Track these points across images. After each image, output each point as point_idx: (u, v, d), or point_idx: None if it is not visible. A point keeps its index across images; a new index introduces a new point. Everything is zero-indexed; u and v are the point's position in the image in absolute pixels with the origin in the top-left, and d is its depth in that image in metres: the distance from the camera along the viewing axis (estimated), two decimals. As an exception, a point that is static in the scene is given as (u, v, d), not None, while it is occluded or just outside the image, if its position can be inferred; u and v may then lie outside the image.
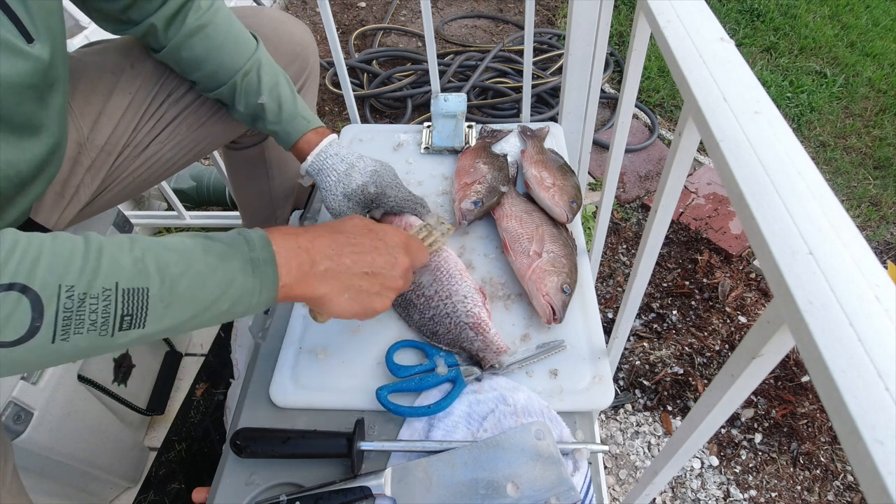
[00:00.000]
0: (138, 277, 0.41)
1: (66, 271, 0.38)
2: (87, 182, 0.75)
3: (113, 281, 0.40)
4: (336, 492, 0.58)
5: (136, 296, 0.40)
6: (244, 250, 0.48)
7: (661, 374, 1.30)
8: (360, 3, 2.54)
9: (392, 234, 0.61)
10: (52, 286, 0.37)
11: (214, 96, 0.76)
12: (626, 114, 0.73)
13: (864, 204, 1.71)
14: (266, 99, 0.74)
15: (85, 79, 0.74)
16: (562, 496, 0.58)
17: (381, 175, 0.78)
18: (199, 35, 0.71)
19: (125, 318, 0.40)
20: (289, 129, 0.76)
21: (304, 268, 0.51)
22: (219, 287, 0.45)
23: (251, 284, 0.47)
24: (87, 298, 0.38)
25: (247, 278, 0.47)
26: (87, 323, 0.39)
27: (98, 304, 0.39)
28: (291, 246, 0.51)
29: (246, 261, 0.47)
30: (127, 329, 0.41)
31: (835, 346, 0.27)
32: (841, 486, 1.13)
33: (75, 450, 0.92)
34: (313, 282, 0.52)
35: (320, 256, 0.53)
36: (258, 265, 0.48)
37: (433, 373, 0.68)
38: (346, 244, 0.55)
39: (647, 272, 0.65)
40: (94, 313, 0.39)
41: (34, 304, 0.36)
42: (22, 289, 0.36)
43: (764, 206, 0.34)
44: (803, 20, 2.35)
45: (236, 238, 0.49)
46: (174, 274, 0.43)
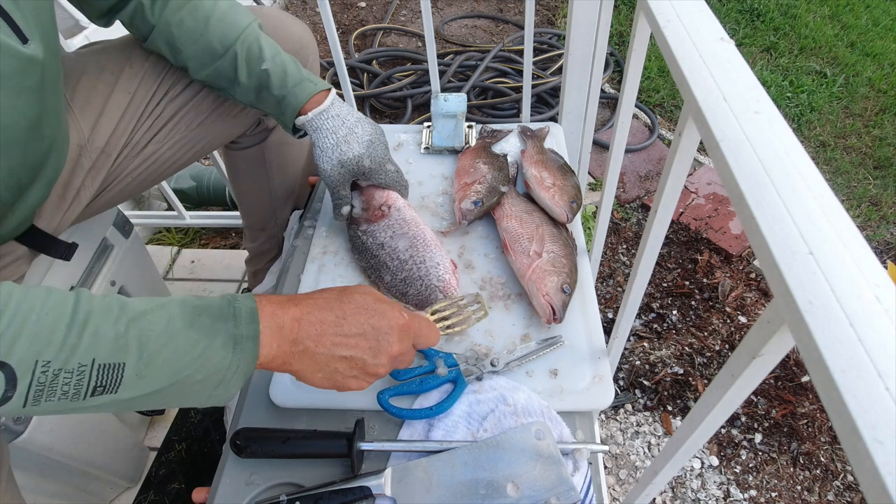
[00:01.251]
0: (117, 353, 0.41)
1: (45, 347, 0.38)
2: (87, 184, 0.75)
3: (90, 357, 0.40)
4: (336, 492, 0.58)
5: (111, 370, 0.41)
6: (230, 326, 0.47)
7: (661, 374, 1.30)
8: (360, 3, 2.54)
9: (391, 317, 0.56)
10: (29, 361, 0.38)
11: (213, 74, 0.74)
12: (626, 114, 0.73)
13: (864, 204, 1.71)
14: (270, 65, 0.73)
15: (84, 79, 0.74)
16: (562, 496, 0.58)
17: (375, 148, 0.79)
18: (188, 6, 0.70)
19: (97, 388, 0.41)
20: (297, 91, 0.74)
21: (283, 347, 0.51)
22: (197, 362, 0.45)
23: (229, 361, 0.47)
24: (62, 373, 0.39)
25: (227, 354, 0.47)
26: (59, 393, 0.39)
27: (72, 378, 0.39)
28: (277, 325, 0.50)
29: (229, 337, 0.47)
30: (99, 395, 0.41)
31: (835, 346, 0.27)
32: (841, 486, 1.13)
33: (75, 450, 0.92)
34: (290, 359, 0.52)
35: (303, 336, 0.52)
36: (240, 342, 0.47)
37: (433, 374, 0.68)
38: (332, 325, 0.54)
39: (647, 272, 0.65)
40: (66, 385, 0.39)
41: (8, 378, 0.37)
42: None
43: (764, 206, 0.34)
44: (803, 20, 2.35)
45: (226, 310, 0.48)
46: (153, 349, 0.43)
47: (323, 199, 0.96)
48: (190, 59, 0.73)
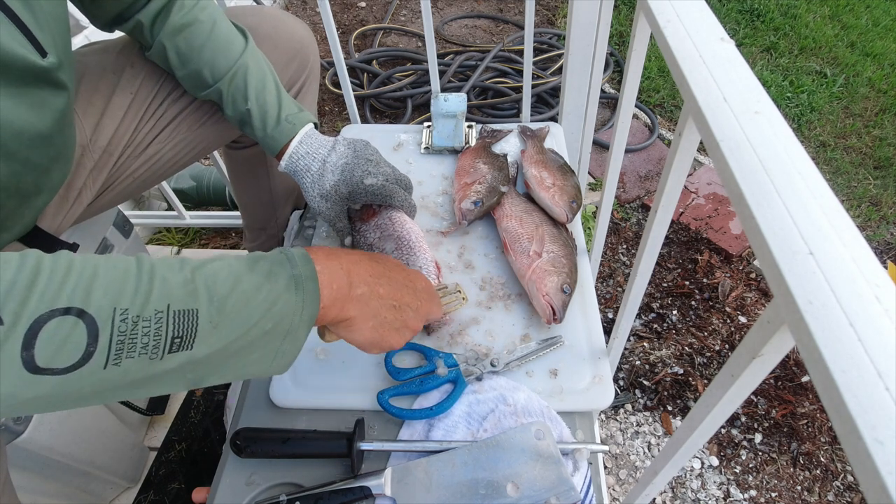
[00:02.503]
0: (188, 298, 0.40)
1: (120, 294, 0.37)
2: (89, 184, 0.75)
3: (165, 303, 0.39)
4: (336, 492, 0.58)
5: (187, 317, 0.40)
6: (287, 268, 0.47)
7: (661, 374, 1.30)
8: (360, 3, 2.54)
9: (422, 279, 0.62)
10: (108, 309, 0.36)
11: (203, 97, 0.76)
12: (626, 114, 0.73)
13: (864, 204, 1.71)
14: (252, 105, 0.74)
15: (86, 79, 0.74)
16: (562, 496, 0.58)
17: (351, 169, 0.76)
18: (185, 32, 0.71)
19: (175, 339, 0.39)
20: (275, 135, 0.75)
21: (343, 290, 0.51)
22: (264, 305, 0.44)
23: (294, 302, 0.46)
24: (140, 321, 0.38)
25: (290, 296, 0.46)
26: (139, 346, 0.38)
27: (150, 326, 0.38)
28: (334, 266, 0.51)
29: (290, 278, 0.47)
30: (176, 351, 0.40)
31: (835, 346, 0.27)
32: (841, 486, 1.13)
33: (75, 450, 0.92)
34: (347, 304, 0.52)
35: (359, 280, 0.53)
36: (301, 282, 0.47)
37: (433, 374, 0.68)
38: (383, 274, 0.56)
39: (647, 272, 0.65)
40: (146, 336, 0.38)
41: (90, 329, 0.36)
42: (78, 313, 0.35)
43: (764, 206, 0.34)
44: (803, 20, 2.35)
45: (278, 256, 0.48)
46: (222, 293, 0.42)
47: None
48: (183, 80, 0.75)
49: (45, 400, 0.36)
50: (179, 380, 0.42)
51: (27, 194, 0.62)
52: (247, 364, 0.45)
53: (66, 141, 0.64)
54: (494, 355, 0.70)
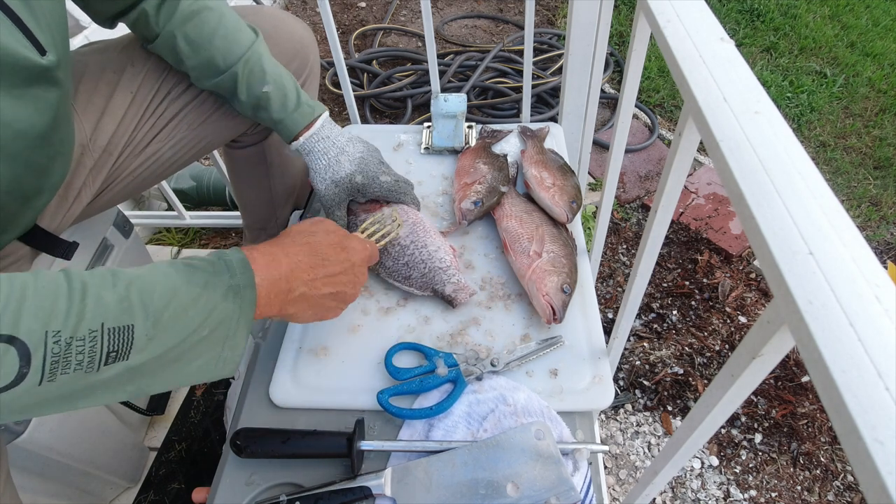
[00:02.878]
0: (123, 315, 0.41)
1: (51, 317, 0.38)
2: (89, 183, 0.75)
3: (99, 322, 0.40)
4: (336, 492, 0.58)
5: (122, 332, 0.41)
6: (226, 278, 0.49)
7: (661, 374, 1.30)
8: (360, 3, 2.54)
9: (359, 250, 0.64)
10: (39, 333, 0.37)
11: (212, 86, 0.75)
12: (626, 114, 0.73)
13: (864, 204, 1.71)
14: (271, 88, 0.74)
15: (86, 78, 0.74)
16: (562, 496, 0.58)
17: (367, 163, 0.80)
18: (195, 20, 0.71)
19: (111, 353, 0.40)
20: (295, 117, 0.77)
21: (281, 293, 0.54)
22: (200, 315, 0.46)
23: (231, 310, 0.48)
24: (74, 342, 0.38)
25: (227, 304, 0.48)
26: (74, 363, 0.39)
27: (85, 345, 0.39)
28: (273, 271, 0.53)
29: (227, 288, 0.48)
30: (112, 363, 0.41)
31: (835, 346, 0.27)
32: (841, 486, 1.13)
33: (75, 450, 0.92)
34: (286, 304, 0.55)
35: (297, 283, 0.56)
36: (239, 291, 0.49)
37: (433, 374, 0.68)
38: (320, 268, 0.58)
39: (647, 272, 0.65)
40: (80, 354, 0.39)
41: (21, 353, 0.36)
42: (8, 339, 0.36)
43: (764, 206, 0.34)
44: (803, 20, 2.35)
45: (217, 264, 0.49)
46: (158, 307, 0.43)
47: (323, 199, 0.96)
48: (192, 70, 0.74)
49: None
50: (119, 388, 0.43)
51: (28, 195, 0.62)
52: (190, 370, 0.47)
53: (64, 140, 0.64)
54: (494, 355, 0.70)
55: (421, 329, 0.75)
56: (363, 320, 0.77)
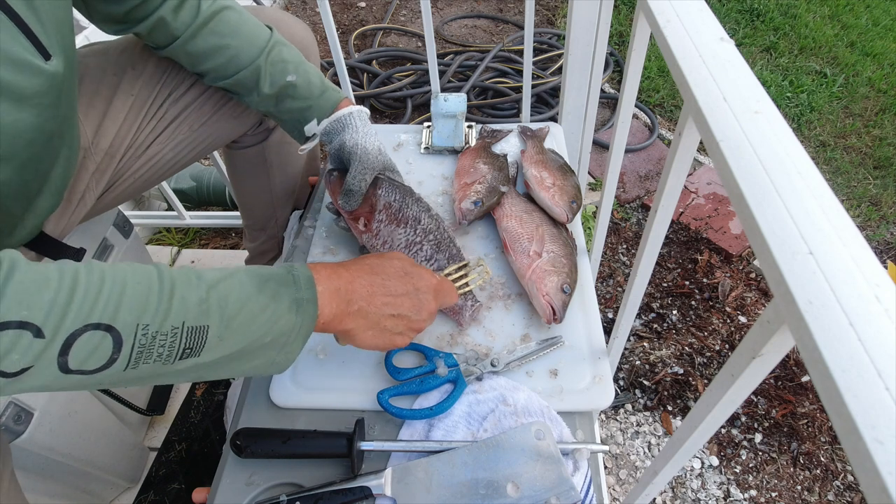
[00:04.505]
0: (202, 317, 0.45)
1: (143, 312, 0.42)
2: (92, 186, 0.75)
3: (181, 320, 0.44)
4: (336, 492, 0.58)
5: (198, 332, 0.45)
6: (292, 290, 0.52)
7: (661, 374, 1.30)
8: (360, 3, 2.54)
9: (426, 278, 0.64)
10: (132, 325, 0.42)
11: (231, 83, 0.75)
12: (626, 114, 0.73)
13: (864, 204, 1.71)
14: (295, 76, 0.75)
15: (87, 81, 0.74)
16: (562, 496, 0.58)
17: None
18: (216, 20, 0.71)
19: (186, 349, 0.45)
20: (322, 101, 0.77)
21: (341, 307, 0.56)
22: (267, 324, 0.49)
23: (294, 322, 0.51)
24: (158, 335, 0.43)
25: (291, 316, 0.51)
26: (155, 355, 0.43)
27: (167, 340, 0.43)
28: (333, 288, 0.55)
29: (293, 301, 0.51)
30: (185, 358, 0.45)
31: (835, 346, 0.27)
32: (841, 486, 1.13)
33: (75, 450, 0.92)
34: (345, 319, 0.56)
35: (356, 297, 0.57)
36: (302, 304, 0.52)
37: (433, 374, 0.68)
38: (380, 287, 0.59)
39: (647, 272, 0.65)
40: (161, 347, 0.43)
41: (115, 341, 0.41)
42: (107, 328, 0.41)
43: (764, 206, 0.34)
44: (803, 20, 2.35)
45: (286, 277, 0.53)
46: (231, 312, 0.47)
47: (323, 199, 0.96)
48: (211, 70, 0.74)
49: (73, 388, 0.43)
50: (183, 377, 0.48)
51: (31, 197, 0.62)
52: (245, 368, 0.51)
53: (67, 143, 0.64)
54: (494, 355, 0.70)
55: None
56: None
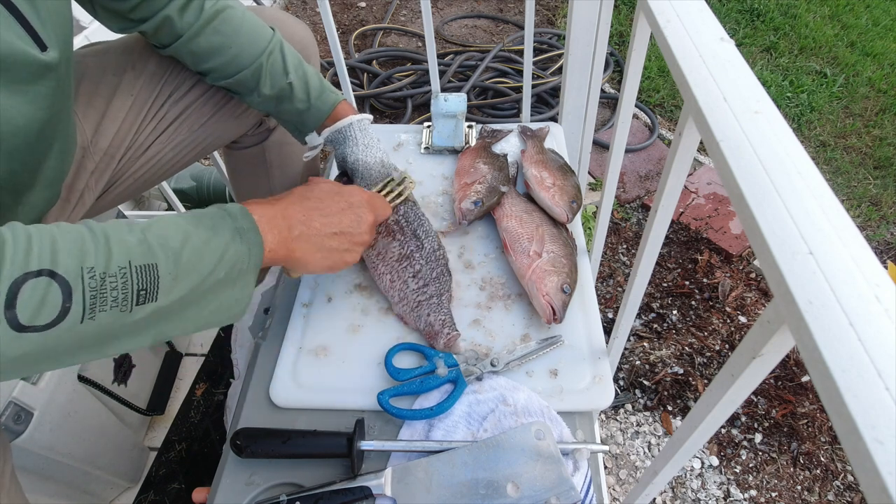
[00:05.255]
0: (146, 254, 0.44)
1: (83, 255, 0.41)
2: (91, 185, 0.75)
3: (126, 259, 0.43)
4: (336, 492, 0.58)
5: (148, 271, 0.44)
6: (229, 222, 0.52)
7: (661, 374, 1.30)
8: (360, 3, 2.54)
9: (356, 193, 0.67)
10: (76, 269, 0.40)
11: (233, 82, 0.75)
12: (626, 114, 0.73)
13: (864, 204, 1.71)
14: (293, 78, 0.75)
15: (86, 81, 0.74)
16: (562, 496, 0.58)
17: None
18: (218, 19, 0.71)
19: (140, 292, 0.44)
20: (319, 103, 0.78)
21: (283, 233, 0.57)
22: (215, 255, 0.49)
23: (241, 250, 0.52)
24: (107, 277, 0.42)
25: (237, 245, 0.51)
26: (110, 300, 0.42)
27: (117, 281, 0.42)
28: (269, 215, 0.56)
29: (233, 230, 0.52)
30: (143, 303, 0.44)
31: (835, 346, 0.27)
32: (841, 486, 1.13)
33: (75, 450, 0.92)
34: (290, 244, 0.58)
35: (294, 222, 0.59)
36: (244, 233, 0.53)
37: (433, 374, 0.68)
38: (314, 209, 0.61)
39: (647, 272, 0.65)
40: (114, 290, 0.42)
41: (62, 288, 0.39)
42: (50, 273, 0.39)
43: (764, 206, 0.34)
44: (803, 20, 2.35)
45: (218, 212, 0.53)
46: (175, 248, 0.47)
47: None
48: (213, 70, 0.74)
49: (32, 357, 0.40)
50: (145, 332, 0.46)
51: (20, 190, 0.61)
52: (207, 313, 0.50)
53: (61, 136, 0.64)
54: (494, 355, 0.70)
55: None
56: (363, 320, 0.77)
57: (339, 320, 0.77)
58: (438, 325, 0.72)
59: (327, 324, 0.76)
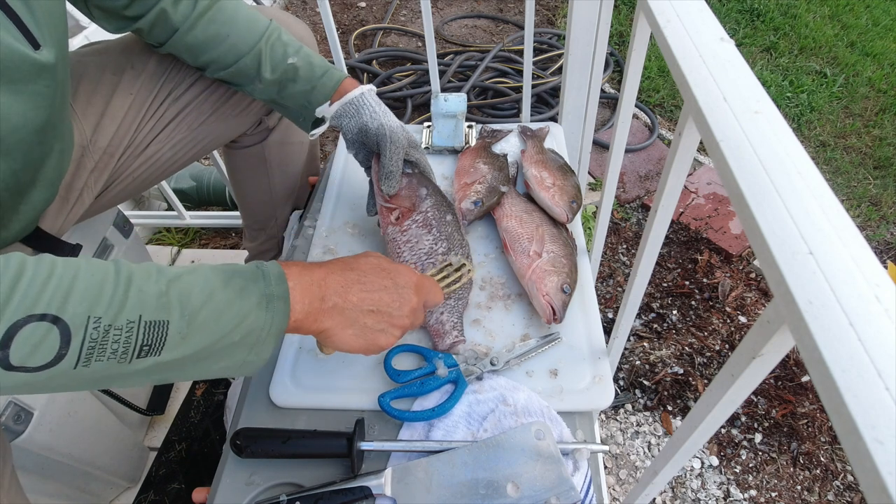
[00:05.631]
0: (161, 311, 0.42)
1: (95, 303, 0.39)
2: (90, 184, 0.75)
3: (137, 314, 0.41)
4: (336, 492, 0.58)
5: (157, 328, 0.42)
6: (261, 286, 0.49)
7: (661, 374, 1.30)
8: (360, 3, 2.54)
9: (405, 274, 0.61)
10: (82, 317, 0.38)
11: (234, 71, 0.74)
12: (626, 114, 0.73)
13: (864, 204, 1.71)
14: (296, 59, 0.74)
15: (86, 80, 0.74)
16: (562, 496, 0.58)
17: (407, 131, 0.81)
18: (213, 9, 0.71)
19: (144, 347, 0.42)
20: (325, 81, 0.76)
21: (314, 304, 0.53)
22: (233, 321, 0.46)
23: (263, 319, 0.48)
24: (112, 329, 0.40)
25: (260, 313, 0.48)
26: (109, 352, 0.40)
27: (121, 335, 0.40)
28: (305, 283, 0.52)
29: (262, 296, 0.48)
30: (144, 357, 0.42)
31: (835, 346, 0.27)
32: (841, 486, 1.13)
33: (75, 450, 0.92)
34: (320, 317, 0.53)
35: (330, 293, 0.54)
36: (272, 301, 0.49)
37: (434, 375, 0.68)
38: (355, 282, 0.57)
39: (647, 272, 0.65)
40: (116, 342, 0.40)
41: (63, 334, 0.38)
42: (53, 319, 0.37)
43: (764, 206, 0.34)
44: (803, 20, 2.35)
45: (255, 272, 0.50)
46: (194, 307, 0.44)
47: (323, 199, 0.95)
48: (212, 61, 0.74)
49: (19, 389, 0.39)
50: (146, 378, 0.45)
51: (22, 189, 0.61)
52: (214, 369, 0.48)
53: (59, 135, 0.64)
54: (494, 354, 0.70)
55: (422, 329, 0.75)
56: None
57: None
58: (449, 326, 0.72)
59: (327, 324, 0.76)
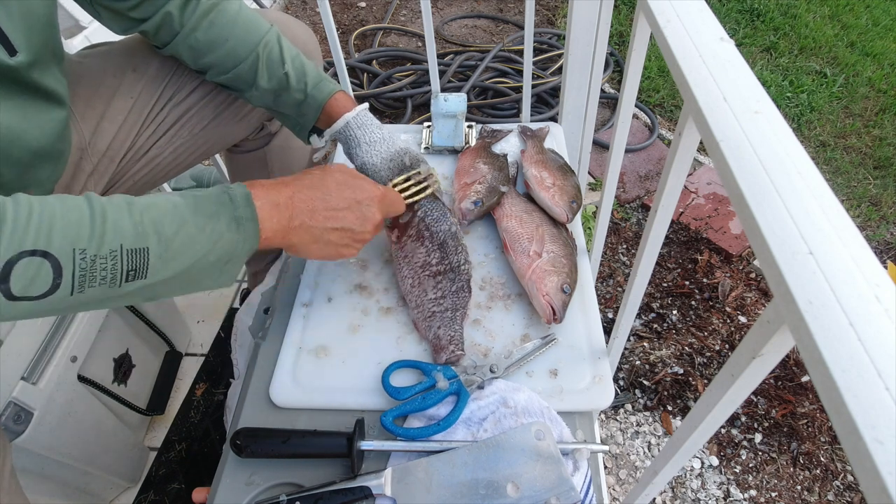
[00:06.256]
0: (139, 239, 0.47)
1: (77, 237, 0.43)
2: (90, 187, 0.75)
3: (118, 243, 0.45)
4: (336, 492, 0.58)
5: (139, 254, 0.46)
6: (229, 209, 0.53)
7: (661, 374, 1.30)
8: (360, 3, 2.54)
9: (368, 188, 0.66)
10: (68, 250, 0.43)
11: (232, 76, 0.74)
12: (626, 114, 0.73)
13: (864, 204, 1.71)
14: (290, 67, 0.74)
15: (86, 82, 0.74)
16: (562, 496, 0.58)
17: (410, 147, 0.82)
18: (215, 11, 0.71)
19: (130, 272, 0.46)
20: (316, 93, 0.76)
21: (282, 223, 0.57)
22: (207, 243, 0.51)
23: (235, 239, 0.53)
24: (98, 259, 0.44)
25: (231, 234, 0.53)
26: (99, 279, 0.44)
27: (107, 263, 0.45)
28: (272, 203, 0.57)
29: (231, 219, 0.53)
30: (132, 280, 0.47)
31: (835, 346, 0.27)
32: (841, 486, 1.13)
33: (75, 450, 0.92)
34: (288, 234, 0.59)
35: (297, 212, 0.59)
36: (242, 222, 0.53)
37: (434, 389, 0.67)
38: (321, 201, 0.61)
39: (647, 272, 0.65)
40: (104, 270, 0.44)
41: (54, 266, 0.42)
42: (43, 254, 0.42)
43: (764, 206, 0.34)
44: (803, 20, 2.35)
45: (221, 196, 0.54)
46: (169, 234, 0.48)
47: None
48: (212, 65, 0.74)
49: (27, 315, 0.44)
50: (140, 298, 0.50)
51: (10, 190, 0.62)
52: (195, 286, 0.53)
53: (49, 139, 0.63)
54: (493, 360, 0.70)
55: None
56: (363, 320, 0.77)
57: (338, 320, 0.77)
58: (446, 341, 0.71)
59: (327, 324, 0.76)
